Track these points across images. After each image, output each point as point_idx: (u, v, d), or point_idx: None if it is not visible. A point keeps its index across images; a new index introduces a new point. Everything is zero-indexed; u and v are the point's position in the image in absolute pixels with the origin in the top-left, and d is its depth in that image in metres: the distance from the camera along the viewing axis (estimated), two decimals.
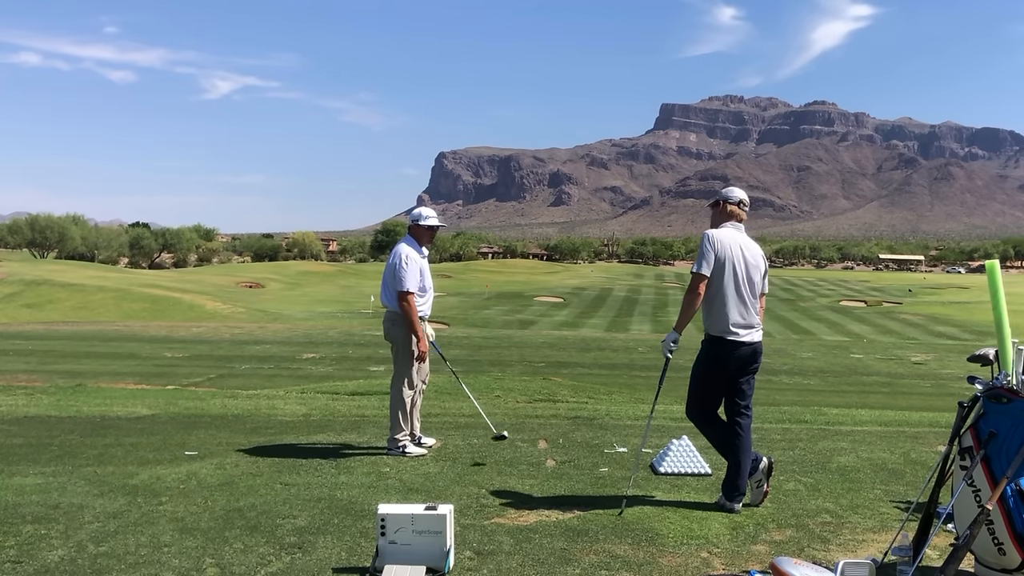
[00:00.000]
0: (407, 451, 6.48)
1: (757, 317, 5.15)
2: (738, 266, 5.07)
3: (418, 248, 6.62)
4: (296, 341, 24.43)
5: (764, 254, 5.29)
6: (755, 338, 5.13)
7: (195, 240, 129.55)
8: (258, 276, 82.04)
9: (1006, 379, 3.88)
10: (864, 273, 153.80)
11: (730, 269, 5.04)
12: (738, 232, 5.19)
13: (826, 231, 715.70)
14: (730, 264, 5.04)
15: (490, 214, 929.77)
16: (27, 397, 9.84)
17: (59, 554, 4.17)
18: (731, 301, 5.03)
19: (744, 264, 5.10)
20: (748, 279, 5.10)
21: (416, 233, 6.70)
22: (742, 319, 5.05)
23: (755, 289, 5.14)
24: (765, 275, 5.26)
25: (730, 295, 5.03)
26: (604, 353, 19.57)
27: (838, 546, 4.46)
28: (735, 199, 5.25)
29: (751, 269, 5.12)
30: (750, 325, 5.09)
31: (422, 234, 6.69)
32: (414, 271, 6.44)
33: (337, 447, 6.81)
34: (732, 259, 5.06)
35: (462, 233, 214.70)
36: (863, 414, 9.76)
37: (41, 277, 54.71)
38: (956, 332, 39.53)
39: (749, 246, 5.19)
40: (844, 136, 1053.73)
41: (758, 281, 5.17)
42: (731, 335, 5.03)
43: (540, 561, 4.16)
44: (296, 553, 4.22)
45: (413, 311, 6.39)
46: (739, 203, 5.24)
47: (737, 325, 5.04)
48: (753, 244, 5.24)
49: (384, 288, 6.60)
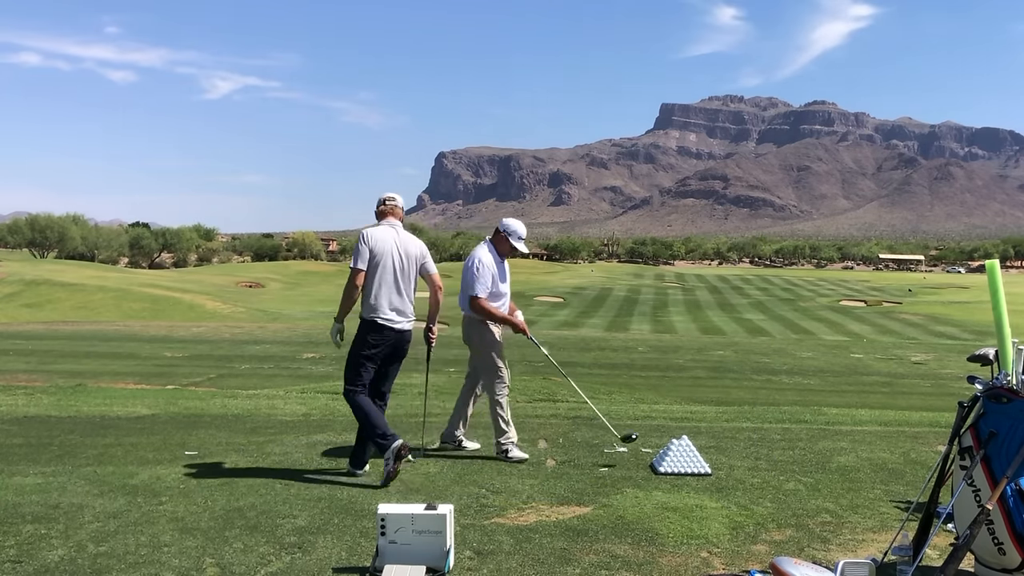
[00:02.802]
0: (509, 455, 6.35)
1: (410, 307, 5.91)
2: (393, 260, 5.79)
3: (496, 256, 6.49)
4: (296, 341, 24.41)
5: (423, 245, 6.05)
6: (404, 327, 5.86)
7: (195, 240, 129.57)
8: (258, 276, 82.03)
9: (1006, 379, 3.88)
10: (864, 273, 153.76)
11: (386, 263, 5.78)
12: (392, 229, 5.89)
13: (826, 231, 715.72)
14: (385, 258, 5.78)
15: (490, 214, 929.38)
16: (27, 397, 9.84)
17: (59, 554, 4.17)
18: (384, 290, 5.78)
19: (399, 257, 5.82)
20: (403, 271, 5.83)
21: (499, 242, 6.55)
22: (390, 307, 5.80)
23: (409, 281, 5.87)
24: (425, 263, 5.98)
25: (384, 285, 5.77)
26: (604, 353, 19.56)
27: (838, 546, 4.46)
28: (387, 202, 6.01)
29: (407, 261, 5.86)
30: (402, 313, 5.85)
31: (504, 246, 6.54)
32: (486, 276, 6.32)
33: (337, 447, 6.81)
34: (386, 254, 5.78)
35: (462, 233, 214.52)
36: (863, 414, 9.75)
37: (41, 277, 54.70)
38: (956, 332, 39.51)
39: (404, 242, 5.89)
40: (844, 136, 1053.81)
41: (412, 273, 5.91)
42: (381, 319, 5.78)
43: (540, 561, 4.16)
44: (296, 553, 4.22)
45: (488, 307, 6.30)
46: (385, 201, 6.00)
47: (387, 312, 5.80)
48: (410, 239, 5.94)
49: (462, 292, 6.50)
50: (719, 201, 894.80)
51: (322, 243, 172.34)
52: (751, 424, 8.57)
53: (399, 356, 5.96)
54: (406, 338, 5.91)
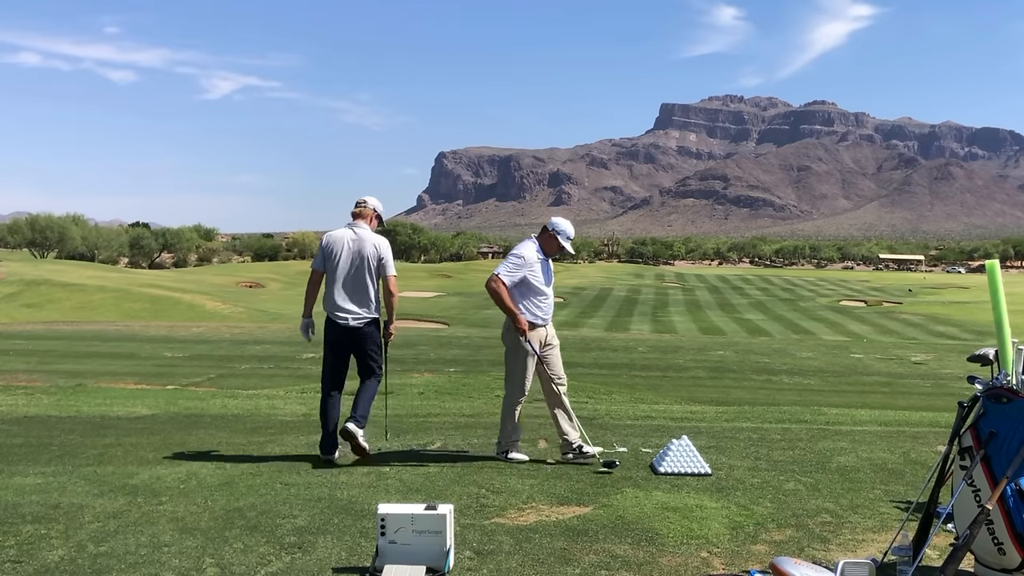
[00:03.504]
0: (509, 455, 6.35)
1: (367, 304, 6.20)
2: (343, 260, 6.17)
3: (540, 250, 6.40)
4: (296, 341, 24.39)
5: (380, 245, 6.23)
6: (353, 323, 6.18)
7: (195, 240, 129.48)
8: (258, 276, 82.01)
9: (1006, 379, 3.88)
10: (864, 273, 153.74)
11: (337, 263, 6.16)
12: (349, 230, 6.26)
13: (826, 231, 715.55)
14: (337, 259, 6.16)
15: (490, 214, 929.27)
16: (27, 397, 9.84)
17: (59, 554, 4.17)
18: (335, 289, 6.18)
19: (349, 258, 6.17)
20: (354, 270, 6.17)
21: (545, 240, 6.46)
22: (339, 304, 6.17)
23: (361, 280, 6.16)
24: (380, 262, 6.20)
25: (335, 284, 6.17)
26: (604, 353, 19.56)
27: (838, 546, 4.46)
28: (357, 204, 6.41)
29: (359, 261, 6.17)
30: (349, 311, 6.18)
31: (551, 245, 6.46)
32: (518, 266, 6.20)
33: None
34: (338, 255, 6.16)
35: (462, 233, 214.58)
36: (863, 414, 9.75)
37: (41, 277, 54.69)
38: (956, 332, 39.51)
39: (360, 242, 6.20)
40: (844, 136, 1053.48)
41: (365, 272, 6.17)
42: (331, 316, 6.21)
43: (540, 561, 4.16)
44: (296, 553, 4.22)
45: (502, 292, 6.09)
46: (357, 203, 6.40)
47: (338, 308, 6.17)
48: (367, 240, 6.20)
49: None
50: (719, 201, 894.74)
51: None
52: (751, 424, 8.58)
53: (355, 349, 6.30)
54: (360, 334, 6.21)
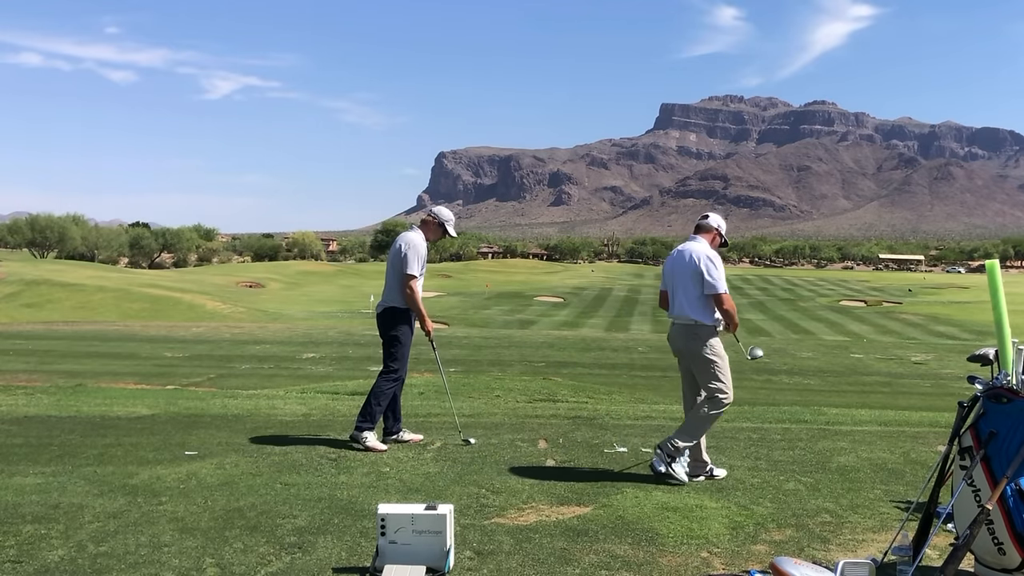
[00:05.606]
0: (714, 473, 5.99)
1: (387, 294, 6.86)
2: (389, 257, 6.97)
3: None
4: (296, 341, 24.44)
5: (404, 245, 6.74)
6: (378, 311, 6.93)
7: (195, 240, 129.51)
8: (258, 276, 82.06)
9: (1006, 379, 3.87)
10: (864, 273, 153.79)
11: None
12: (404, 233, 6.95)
13: (826, 231, 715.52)
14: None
15: (490, 214, 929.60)
16: (27, 397, 9.83)
17: (59, 554, 4.17)
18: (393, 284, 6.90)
19: (390, 255, 6.90)
20: (389, 267, 6.88)
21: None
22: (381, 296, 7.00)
23: (391, 275, 6.80)
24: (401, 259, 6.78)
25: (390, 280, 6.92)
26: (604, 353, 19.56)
27: (838, 546, 4.46)
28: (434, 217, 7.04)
29: (390, 259, 6.88)
30: (380, 300, 7.00)
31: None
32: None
33: (337, 447, 6.81)
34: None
35: (462, 233, 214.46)
36: (863, 414, 9.75)
37: (41, 277, 54.71)
38: (956, 332, 39.52)
39: (398, 240, 6.84)
40: (844, 136, 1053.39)
41: (391, 269, 6.82)
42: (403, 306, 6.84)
43: (540, 561, 4.16)
44: (296, 553, 4.22)
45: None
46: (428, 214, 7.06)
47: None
48: (397, 241, 6.81)
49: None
50: (719, 201, 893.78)
51: (322, 243, 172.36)
52: (751, 424, 8.57)
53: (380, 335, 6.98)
54: (379, 320, 6.90)
